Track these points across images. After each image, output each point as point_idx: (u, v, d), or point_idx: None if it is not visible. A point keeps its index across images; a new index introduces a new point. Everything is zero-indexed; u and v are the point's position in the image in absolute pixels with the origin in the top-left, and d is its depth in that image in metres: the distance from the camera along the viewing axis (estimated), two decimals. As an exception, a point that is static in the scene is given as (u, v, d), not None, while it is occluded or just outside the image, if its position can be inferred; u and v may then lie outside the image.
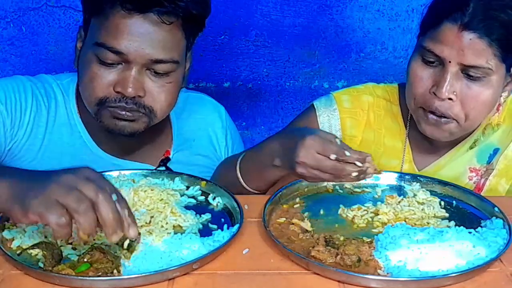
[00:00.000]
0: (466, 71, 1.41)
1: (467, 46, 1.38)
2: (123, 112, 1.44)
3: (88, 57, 1.44)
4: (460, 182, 1.58)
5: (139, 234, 1.13)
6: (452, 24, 1.39)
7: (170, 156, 1.64)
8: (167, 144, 1.66)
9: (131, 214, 1.10)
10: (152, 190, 1.35)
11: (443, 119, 1.46)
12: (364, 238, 1.24)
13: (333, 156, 1.24)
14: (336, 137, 1.30)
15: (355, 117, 1.64)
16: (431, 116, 1.47)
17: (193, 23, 1.47)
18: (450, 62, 1.41)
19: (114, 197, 1.07)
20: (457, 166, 1.60)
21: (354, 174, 1.25)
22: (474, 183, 1.61)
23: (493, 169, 1.60)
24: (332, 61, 2.35)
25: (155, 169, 1.57)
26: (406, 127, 1.63)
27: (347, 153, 1.24)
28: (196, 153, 1.69)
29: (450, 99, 1.43)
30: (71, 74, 1.63)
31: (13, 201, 1.07)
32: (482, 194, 1.60)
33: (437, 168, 1.61)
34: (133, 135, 1.49)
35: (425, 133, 1.51)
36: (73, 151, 1.55)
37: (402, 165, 1.62)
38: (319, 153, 1.26)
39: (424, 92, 1.46)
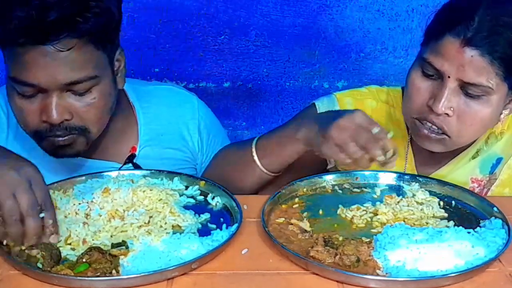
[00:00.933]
0: (465, 88, 1.36)
1: (468, 62, 1.33)
2: (59, 139, 1.41)
3: (9, 89, 1.42)
4: None
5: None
6: (455, 38, 1.34)
7: (137, 153, 1.62)
8: (133, 140, 1.64)
9: (55, 224, 1.21)
10: (151, 190, 1.35)
11: (433, 135, 1.42)
12: (363, 238, 1.24)
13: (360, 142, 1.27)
14: (377, 126, 1.30)
15: None
16: (422, 130, 1.43)
17: (102, 35, 1.40)
18: (449, 77, 1.35)
19: (42, 214, 1.18)
20: (459, 176, 1.56)
21: (380, 158, 1.27)
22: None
23: (496, 179, 1.58)
24: (332, 61, 2.35)
25: (121, 167, 1.57)
26: (408, 133, 1.59)
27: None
28: (165, 146, 1.66)
29: (446, 114, 1.38)
30: None
31: None
32: None
33: (438, 177, 1.54)
34: (78, 155, 1.48)
35: (420, 144, 1.48)
36: (39, 155, 1.49)
37: (404, 172, 1.57)
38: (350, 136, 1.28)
39: (421, 104, 1.42)
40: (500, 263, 1.18)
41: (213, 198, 1.39)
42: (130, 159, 1.60)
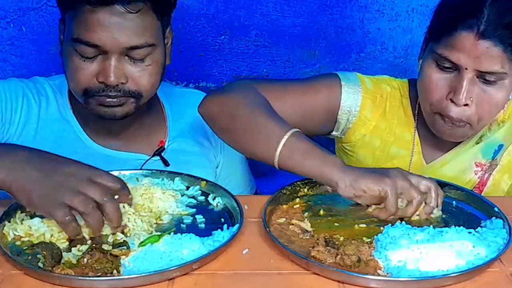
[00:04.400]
0: (482, 76, 1.43)
1: (484, 53, 1.39)
2: (109, 100, 1.48)
3: (68, 50, 1.49)
4: (466, 177, 1.62)
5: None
6: (468, 32, 1.40)
7: (165, 146, 1.68)
8: (162, 135, 1.69)
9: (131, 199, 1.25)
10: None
11: (457, 123, 1.48)
12: (364, 238, 1.24)
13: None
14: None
15: (375, 101, 1.65)
16: (447, 120, 1.49)
17: (163, 4, 1.51)
18: (466, 69, 1.42)
19: (116, 196, 1.20)
20: (463, 160, 1.62)
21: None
22: (478, 178, 1.63)
23: (497, 165, 1.63)
24: (332, 61, 2.34)
25: (149, 159, 1.63)
26: (415, 120, 1.66)
27: None
28: (191, 144, 1.72)
29: (466, 104, 1.45)
30: (62, 75, 1.66)
31: (21, 193, 1.19)
32: (485, 189, 1.63)
33: (444, 162, 1.64)
34: (125, 117, 1.53)
35: (441, 136, 1.55)
36: (68, 146, 1.59)
37: (411, 157, 1.65)
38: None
39: (441, 98, 1.48)
40: (501, 263, 1.18)
41: (214, 199, 1.39)
42: (159, 152, 1.66)
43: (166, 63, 1.59)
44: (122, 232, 1.23)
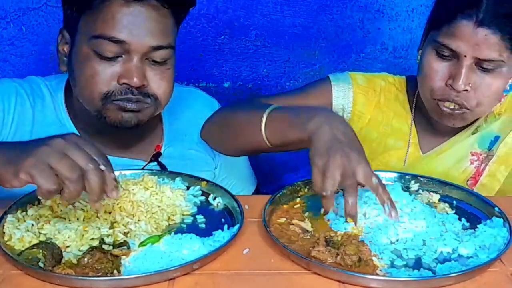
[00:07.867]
0: (480, 64, 1.49)
1: (482, 41, 1.45)
2: (130, 104, 1.44)
3: (84, 54, 1.42)
4: (462, 165, 1.67)
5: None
6: (468, 20, 1.46)
7: (162, 151, 1.64)
8: (158, 139, 1.66)
9: (115, 179, 1.17)
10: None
11: (456, 111, 1.54)
12: (364, 238, 1.24)
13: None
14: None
15: (367, 95, 1.73)
16: (445, 109, 1.54)
17: (181, 11, 1.52)
18: (465, 56, 1.48)
19: (102, 166, 1.14)
20: (459, 150, 1.68)
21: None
22: (475, 167, 1.67)
23: (493, 155, 1.67)
24: (332, 61, 2.35)
25: (146, 164, 1.59)
26: (412, 112, 1.73)
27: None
28: (188, 147, 1.68)
29: (465, 90, 1.50)
30: (59, 75, 1.63)
31: (6, 163, 1.14)
32: (481, 179, 1.67)
33: (440, 151, 1.69)
34: (138, 126, 1.48)
35: (441, 121, 1.60)
36: None
37: (408, 148, 1.71)
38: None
39: (441, 84, 1.54)
40: (501, 263, 1.18)
41: (214, 199, 1.39)
42: (156, 157, 1.62)
43: None
44: (125, 234, 1.23)
